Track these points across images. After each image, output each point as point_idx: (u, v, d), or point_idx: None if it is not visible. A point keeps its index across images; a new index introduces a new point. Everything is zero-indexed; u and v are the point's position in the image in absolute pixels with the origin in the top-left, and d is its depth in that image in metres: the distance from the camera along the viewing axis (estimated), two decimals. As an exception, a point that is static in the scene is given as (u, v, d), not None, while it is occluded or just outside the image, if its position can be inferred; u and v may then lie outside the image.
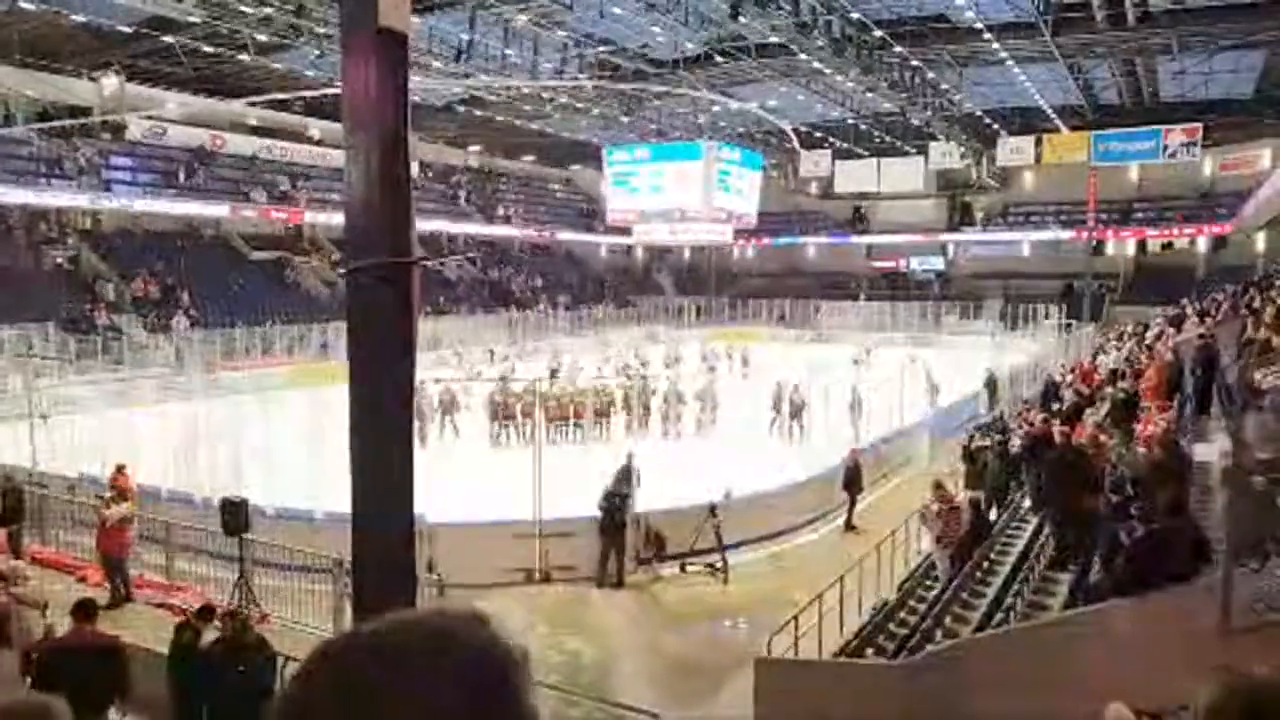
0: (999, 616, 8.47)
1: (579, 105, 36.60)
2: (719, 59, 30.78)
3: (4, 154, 29.98)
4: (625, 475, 13.71)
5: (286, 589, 11.13)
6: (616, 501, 13.14)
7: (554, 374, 24.40)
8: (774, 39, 27.30)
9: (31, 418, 16.16)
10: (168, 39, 28.31)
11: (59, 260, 31.18)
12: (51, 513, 13.68)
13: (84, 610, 6.42)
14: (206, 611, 7.89)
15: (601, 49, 30.77)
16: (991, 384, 24.79)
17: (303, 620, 10.67)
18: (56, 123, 30.71)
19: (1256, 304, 17.38)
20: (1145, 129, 37.77)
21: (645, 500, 13.64)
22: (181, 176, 35.18)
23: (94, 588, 11.56)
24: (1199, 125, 36.55)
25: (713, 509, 13.50)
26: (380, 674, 0.65)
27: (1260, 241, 37.31)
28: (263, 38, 27.17)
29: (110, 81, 31.86)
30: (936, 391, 23.56)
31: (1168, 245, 44.17)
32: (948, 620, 9.07)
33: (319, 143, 40.66)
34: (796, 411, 21.36)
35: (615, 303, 48.88)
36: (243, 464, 15.15)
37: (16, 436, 15.89)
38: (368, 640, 0.69)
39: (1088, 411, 14.31)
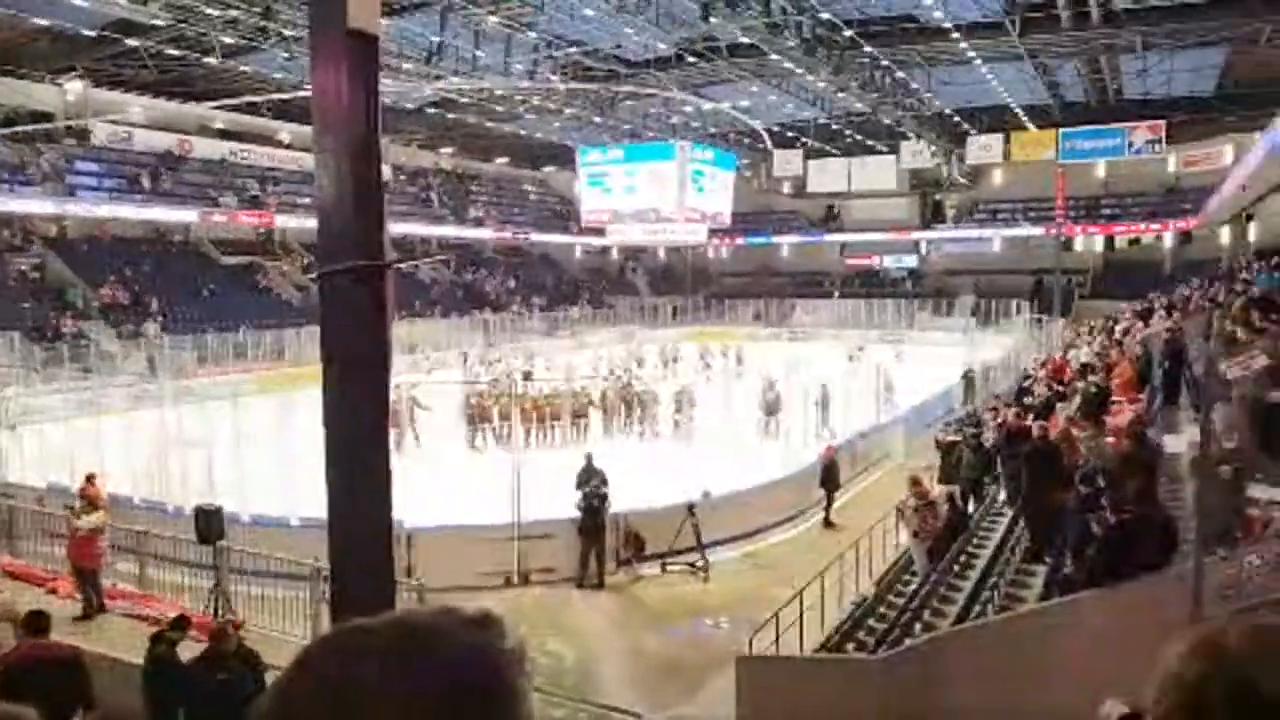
0: (976, 609, 8.57)
1: (551, 107, 36.54)
2: (691, 59, 30.87)
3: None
4: (587, 476, 13.66)
5: (263, 597, 11.00)
6: (595, 502, 13.13)
7: (527, 376, 24.29)
8: (745, 39, 27.43)
9: (-2, 428, 15.89)
10: (132, 42, 27.87)
11: (23, 268, 30.63)
12: (21, 524, 13.43)
13: (34, 623, 6.21)
14: (182, 621, 7.78)
15: (573, 50, 30.74)
16: (969, 379, 25.03)
17: (280, 628, 10.55)
18: (19, 128, 30.18)
19: (1221, 297, 17.72)
20: (1110, 127, 38.41)
21: (624, 501, 13.63)
22: (148, 182, 34.66)
23: (66, 599, 11.39)
24: (1162, 122, 37.23)
25: (691, 508, 13.53)
26: (365, 672, 0.63)
27: (1224, 235, 38.01)
28: (229, 40, 26.85)
29: (74, 86, 31.42)
30: (891, 390, 23.39)
31: (1134, 241, 44.90)
32: (926, 614, 9.15)
33: (289, 146, 40.27)
34: (772, 409, 21.48)
35: (591, 304, 48.84)
36: (215, 471, 14.95)
37: (-18, 447, 15.61)
38: (355, 639, 0.68)
39: (1059, 405, 14.50)
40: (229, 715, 6.75)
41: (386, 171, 7.28)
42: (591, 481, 13.54)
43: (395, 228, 32.99)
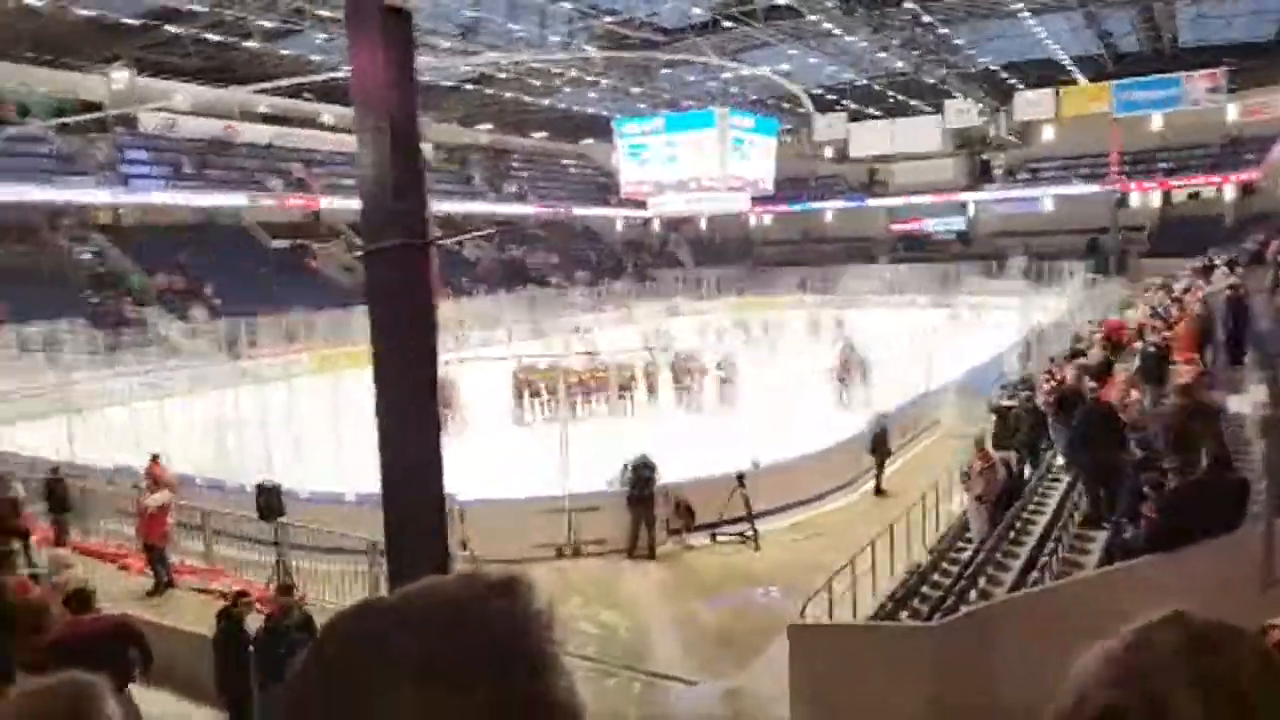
0: (1033, 576, 8.42)
1: (588, 78, 36.32)
2: (727, 24, 30.39)
3: (22, 152, 30.23)
4: (645, 463, 13.60)
5: (323, 571, 11.29)
6: (645, 474, 13.18)
7: (588, 353, 24.36)
8: (782, 1, 26.87)
9: (67, 412, 16.46)
10: (174, 29, 28.32)
11: (84, 256, 31.53)
12: (92, 504, 13.95)
13: (76, 601, 6.33)
14: (242, 596, 8.02)
15: (608, 19, 30.45)
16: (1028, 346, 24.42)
17: (340, 602, 10.82)
18: (71, 118, 30.91)
19: (1288, 250, 17.00)
20: (1166, 77, 36.95)
21: (673, 472, 13.67)
22: (197, 168, 35.36)
23: (137, 575, 11.83)
24: (1221, 70, 35.69)
25: (740, 478, 13.51)
26: (389, 647, 0.62)
27: (1289, 187, 36.50)
28: (268, 24, 27.14)
29: (120, 75, 32.02)
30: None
31: (1194, 195, 43.29)
32: (981, 581, 9.03)
33: (332, 128, 40.68)
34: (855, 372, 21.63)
35: (634, 276, 48.75)
36: (273, 450, 15.33)
37: (52, 430, 16.19)
38: (377, 613, 0.67)
39: (1117, 366, 14.12)
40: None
41: (427, 150, 7.28)
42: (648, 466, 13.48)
43: (437, 205, 33.13)
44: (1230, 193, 41.48)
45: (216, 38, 28.89)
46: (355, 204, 7.13)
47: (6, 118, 30.41)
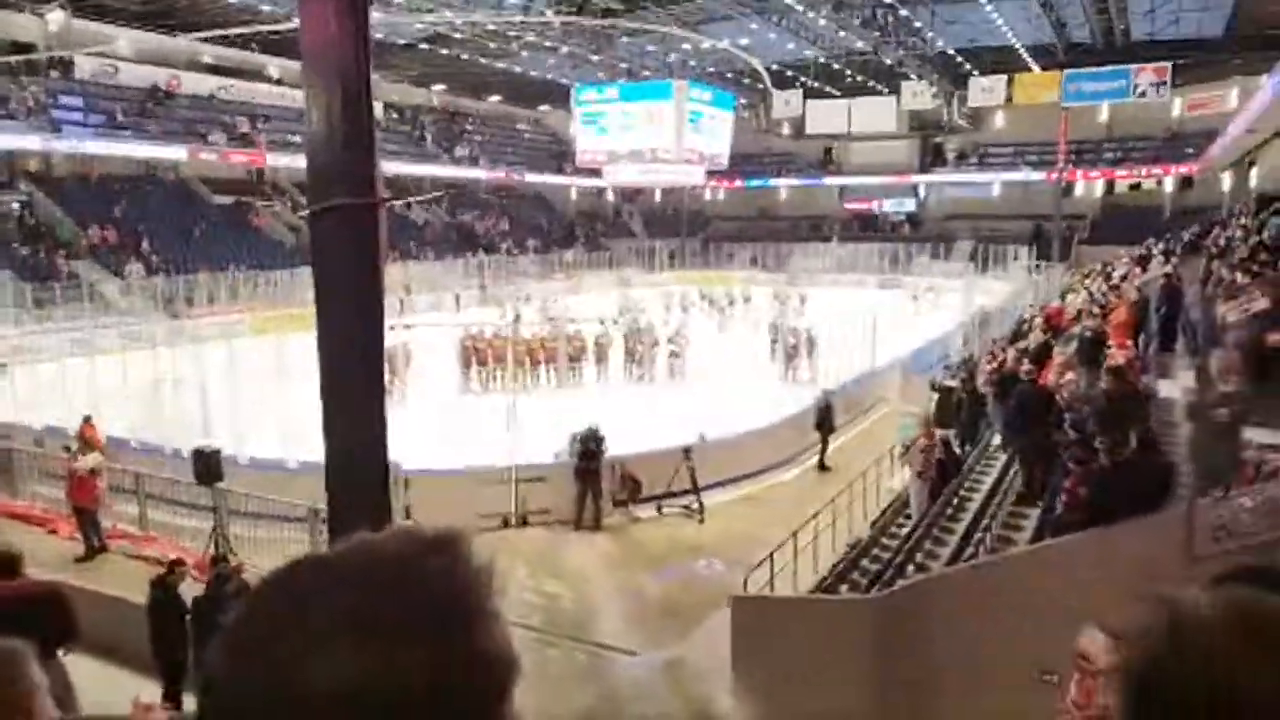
0: (969, 551, 8.66)
1: (547, 43, 35.70)
2: (690, -5, 30.13)
3: (-54, 95, 28.77)
4: (593, 435, 13.59)
5: (262, 538, 11.09)
6: (592, 445, 13.18)
7: (517, 319, 24.18)
8: (745, -26, 26.73)
9: (-10, 368, 15.83)
10: (114, -28, 27.07)
11: (11, 205, 30.17)
12: (19, 465, 13.46)
13: (5, 567, 5.94)
14: (177, 564, 7.84)
15: (569, -16, 29.95)
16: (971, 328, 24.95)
17: (279, 568, 10.66)
18: (4, 59, 29.42)
19: (1221, 241, 17.60)
20: (1115, 69, 37.70)
21: (621, 444, 13.70)
22: (136, 117, 33.99)
23: (66, 540, 11.48)
24: (1168, 65, 36.53)
25: (687, 451, 13.60)
26: (323, 607, 0.60)
27: (1226, 181, 37.65)
28: (215, -30, 26.08)
29: (56, 16, 30.50)
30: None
31: (1135, 186, 44.46)
32: (919, 556, 9.26)
33: (279, 82, 39.39)
34: (796, 352, 21.68)
35: (586, 246, 48.44)
36: (212, 413, 14.96)
37: (-25, 388, 15.57)
38: (310, 572, 0.65)
39: (1055, 350, 14.49)
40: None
41: (378, 109, 7.09)
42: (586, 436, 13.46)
43: (387, 166, 32.46)
44: (1170, 185, 42.69)
45: (158, -18, 27.70)
46: (301, 162, 6.92)
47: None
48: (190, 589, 7.68)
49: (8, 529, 11.36)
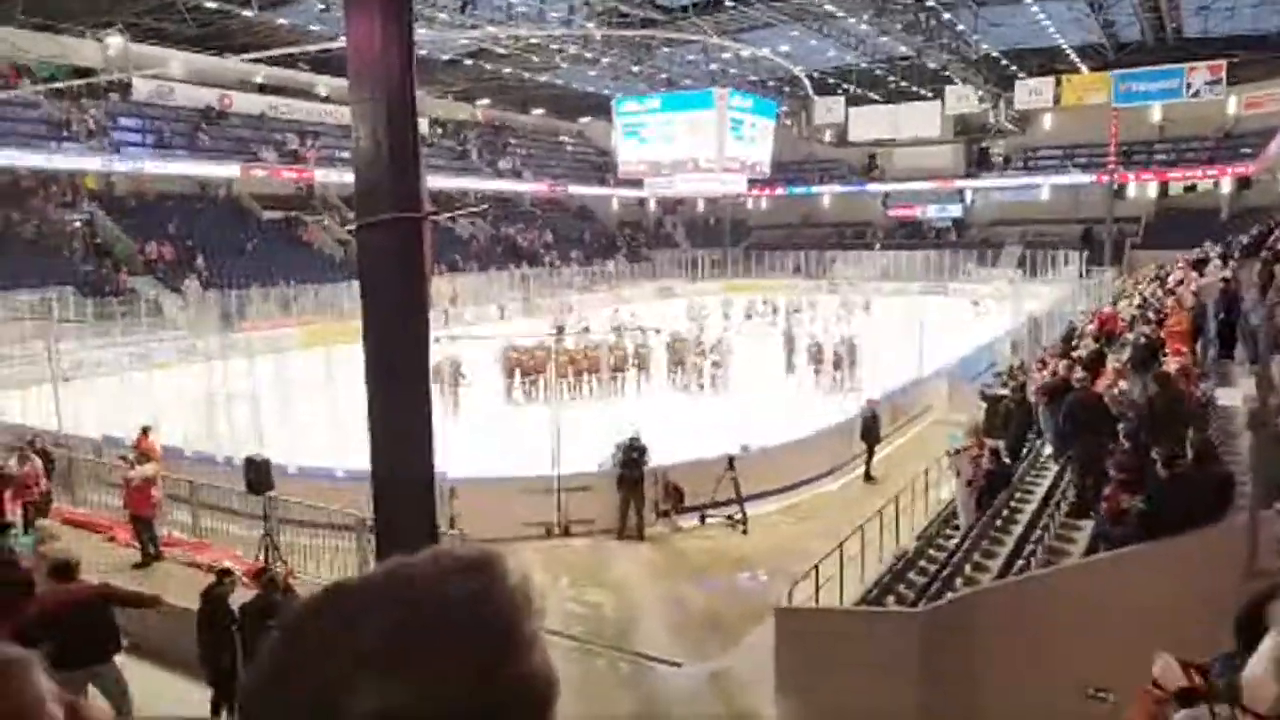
0: (1019, 564, 8.47)
1: (588, 55, 35.99)
2: (729, 4, 30.11)
3: (13, 117, 29.88)
4: (635, 444, 13.60)
5: (311, 546, 11.28)
6: (634, 455, 13.19)
7: (560, 331, 24.31)
8: (786, -18, 26.67)
9: (55, 381, 16.35)
10: (170, -4, 27.95)
11: (75, 224, 31.22)
12: (79, 474, 13.89)
13: (59, 570, 6.40)
14: (225, 575, 7.99)
15: (609, -4, 30.15)
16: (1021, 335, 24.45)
17: (328, 577, 10.83)
18: (64, 83, 30.50)
19: (1282, 245, 17.03)
20: (1168, 68, 36.79)
21: (664, 454, 13.68)
22: (189, 137, 35.01)
23: (123, 547, 11.80)
24: (1223, 63, 35.55)
25: (731, 461, 13.53)
26: (357, 635, 0.60)
27: (1286, 181, 36.52)
28: (266, -8, 26.79)
29: (114, 41, 31.59)
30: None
31: (1190, 188, 43.28)
32: (968, 568, 9.08)
33: (327, 99, 40.27)
34: (839, 362, 21.49)
35: (629, 257, 48.60)
36: (263, 423, 15.27)
37: (41, 399, 16.10)
38: (344, 599, 0.65)
39: (1109, 357, 14.15)
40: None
41: (423, 124, 7.20)
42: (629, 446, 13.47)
43: (432, 181, 32.93)
44: (1226, 186, 41.49)
45: (213, 5, 28.50)
46: (349, 177, 7.05)
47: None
48: (240, 596, 7.83)
49: (69, 536, 11.72)
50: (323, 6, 27.08)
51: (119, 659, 6.53)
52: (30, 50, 31.16)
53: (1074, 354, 15.16)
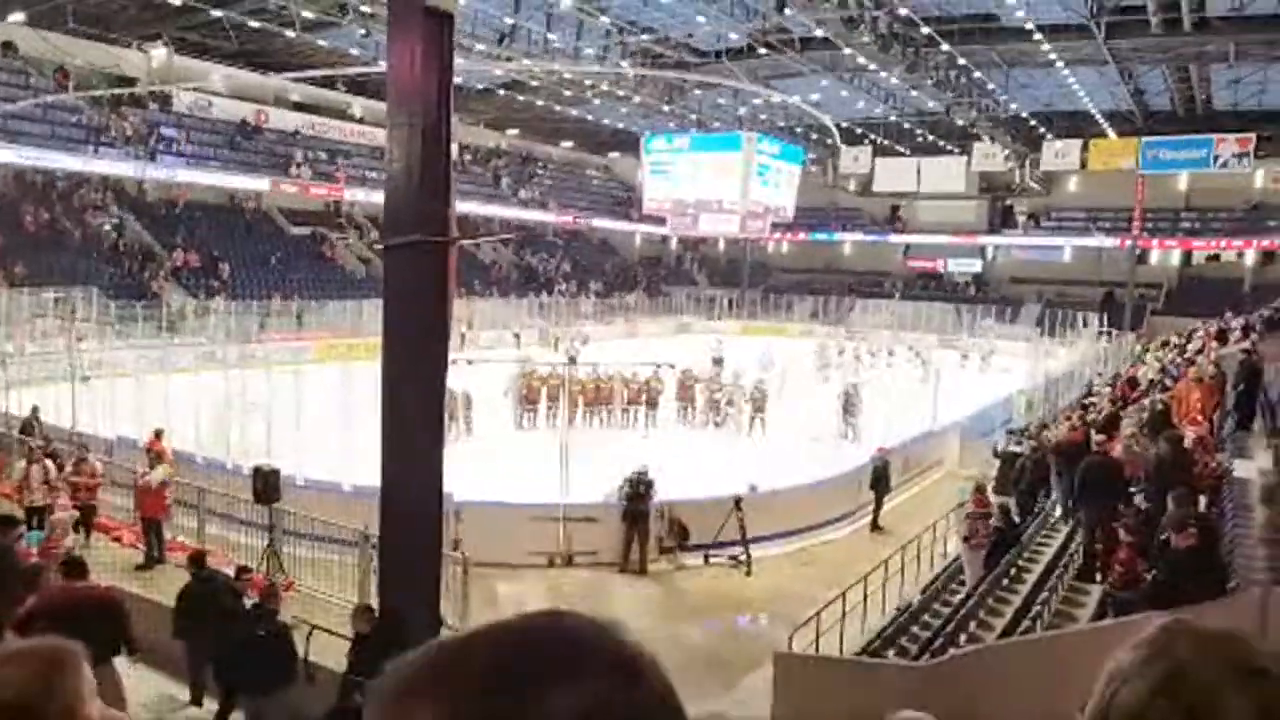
0: (1025, 624, 8.36)
1: (620, 93, 36.51)
2: (762, 51, 30.53)
3: (55, 120, 30.54)
4: (640, 478, 13.55)
5: (313, 559, 11.28)
6: (640, 489, 13.16)
7: (572, 360, 24.32)
8: (819, 33, 27.06)
9: (74, 379, 16.51)
10: (216, 13, 28.63)
11: (105, 227, 31.74)
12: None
13: (72, 567, 6.48)
14: (243, 571, 8.02)
15: (644, 37, 30.65)
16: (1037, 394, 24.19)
17: (327, 591, 10.81)
18: (107, 91, 31.22)
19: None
20: (1196, 137, 36.89)
21: (673, 489, 13.64)
22: (224, 149, 35.65)
23: (127, 548, 11.84)
24: (1251, 136, 35.64)
25: (738, 501, 13.47)
26: (527, 669, 0.63)
27: (1311, 257, 36.43)
28: (310, 15, 27.40)
29: (159, 53, 32.40)
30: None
31: (1214, 257, 43.17)
32: (972, 625, 8.97)
33: (360, 120, 40.99)
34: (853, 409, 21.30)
35: (647, 292, 48.83)
36: (274, 434, 15.33)
37: (59, 397, 16.25)
38: (504, 633, 0.67)
39: (1124, 421, 14.05)
40: (270, 667, 6.95)
41: (454, 150, 7.34)
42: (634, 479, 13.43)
43: (458, 206, 33.30)
44: (1251, 258, 41.37)
45: (257, 24, 29.19)
46: (376, 197, 7.17)
47: (44, 86, 30.75)
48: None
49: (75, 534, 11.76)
50: (363, 31, 27.69)
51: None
52: (78, 57, 31.97)
53: (1090, 416, 15.08)
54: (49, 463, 12.09)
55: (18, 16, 29.81)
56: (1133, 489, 9.50)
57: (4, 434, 14.89)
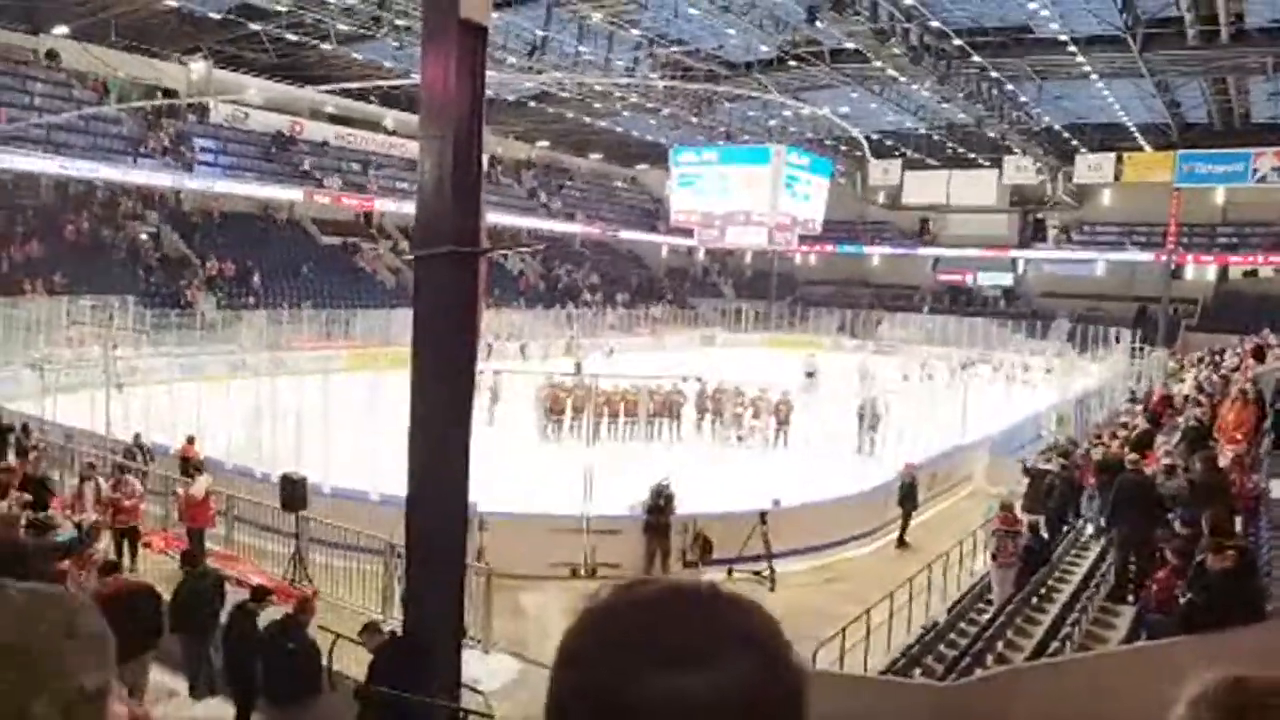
0: (1054, 645, 8.21)
1: (649, 105, 36.65)
2: (792, 63, 30.52)
3: (97, 132, 31.22)
4: (663, 490, 13.51)
5: (338, 568, 11.35)
6: (661, 502, 13.12)
7: (578, 369, 24.29)
8: (849, 45, 27.01)
9: (108, 386, 16.79)
10: (255, 26, 29.19)
11: (142, 236, 32.34)
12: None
13: (109, 569, 7.23)
14: (261, 592, 8.09)
15: (674, 49, 30.77)
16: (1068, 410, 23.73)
17: (352, 600, 10.87)
18: (147, 103, 31.89)
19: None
20: (1234, 151, 36.33)
21: (697, 503, 13.58)
22: (259, 160, 36.24)
23: (157, 554, 11.98)
24: (1291, 149, 35.06)
25: (763, 516, 13.38)
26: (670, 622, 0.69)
27: (1353, 273, 35.64)
28: (345, 28, 27.83)
29: (198, 66, 33.07)
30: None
31: (1251, 273, 42.38)
32: (999, 646, 8.82)
33: (393, 133, 41.50)
34: (875, 423, 21.04)
35: (674, 303, 48.83)
36: (303, 442, 15.48)
37: (93, 403, 16.53)
38: (641, 595, 0.75)
39: (1159, 439, 13.81)
40: (297, 679, 7.02)
41: (484, 161, 7.40)
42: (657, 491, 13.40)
43: (488, 217, 33.51)
44: (1290, 274, 40.56)
45: (294, 37, 29.70)
46: (408, 207, 7.25)
47: (87, 99, 31.47)
48: (273, 614, 7.88)
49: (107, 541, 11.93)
50: (397, 45, 28.07)
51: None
52: (119, 69, 32.70)
53: (1124, 433, 14.84)
54: (101, 480, 11.88)
55: (61, 30, 30.58)
56: (1169, 510, 9.32)
57: (47, 443, 15.12)
